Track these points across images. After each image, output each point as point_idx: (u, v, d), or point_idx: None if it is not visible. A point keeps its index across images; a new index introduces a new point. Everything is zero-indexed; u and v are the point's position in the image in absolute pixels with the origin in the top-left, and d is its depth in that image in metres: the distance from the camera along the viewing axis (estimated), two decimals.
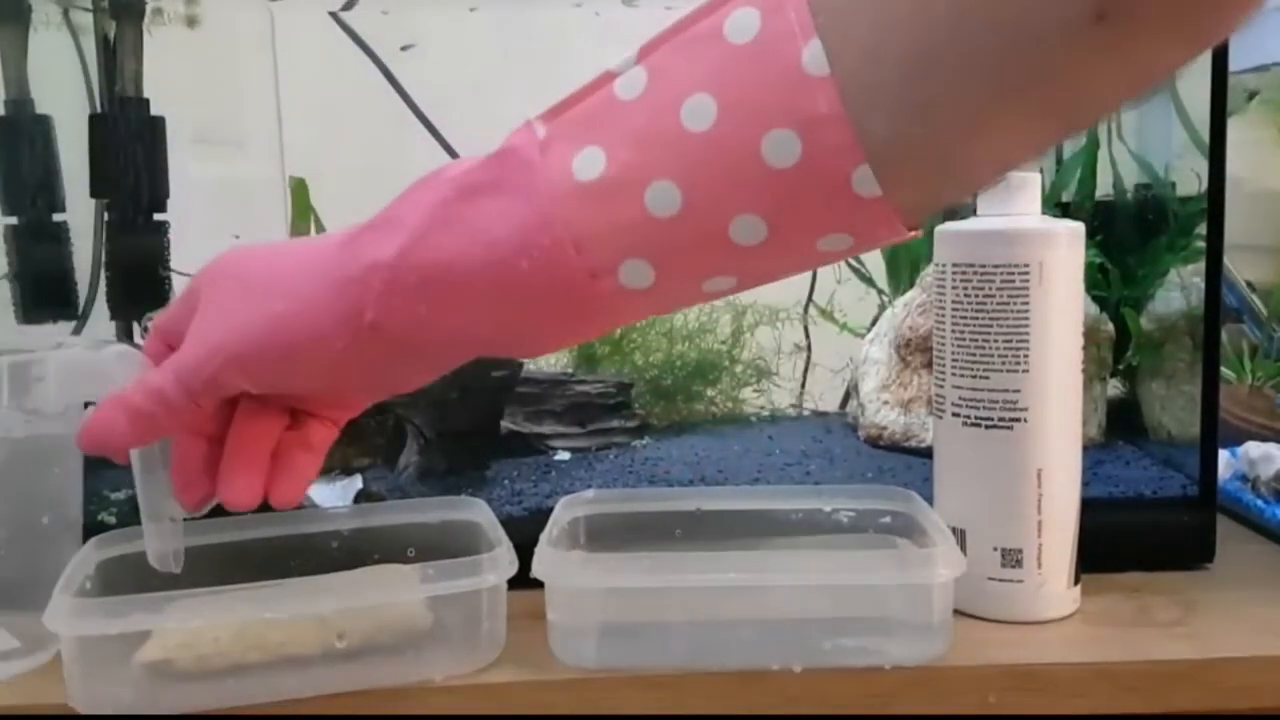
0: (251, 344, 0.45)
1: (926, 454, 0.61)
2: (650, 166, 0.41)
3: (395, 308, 0.43)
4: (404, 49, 0.91)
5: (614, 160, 0.41)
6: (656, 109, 0.41)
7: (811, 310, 0.94)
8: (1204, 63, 0.60)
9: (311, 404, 0.50)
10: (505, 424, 0.76)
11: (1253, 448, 0.76)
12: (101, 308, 0.81)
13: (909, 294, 0.82)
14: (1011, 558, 0.57)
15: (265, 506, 0.50)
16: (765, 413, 0.91)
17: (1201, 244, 0.65)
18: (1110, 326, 0.76)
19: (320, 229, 0.77)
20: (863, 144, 0.38)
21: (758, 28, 0.39)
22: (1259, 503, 0.72)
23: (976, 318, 0.56)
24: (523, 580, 0.52)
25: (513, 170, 0.42)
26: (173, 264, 0.80)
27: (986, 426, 0.56)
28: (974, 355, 0.56)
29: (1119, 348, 0.77)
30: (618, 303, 0.43)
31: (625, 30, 1.00)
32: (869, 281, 0.90)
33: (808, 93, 0.38)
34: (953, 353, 0.57)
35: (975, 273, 0.56)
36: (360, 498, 0.67)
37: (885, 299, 0.89)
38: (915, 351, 0.80)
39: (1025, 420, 0.56)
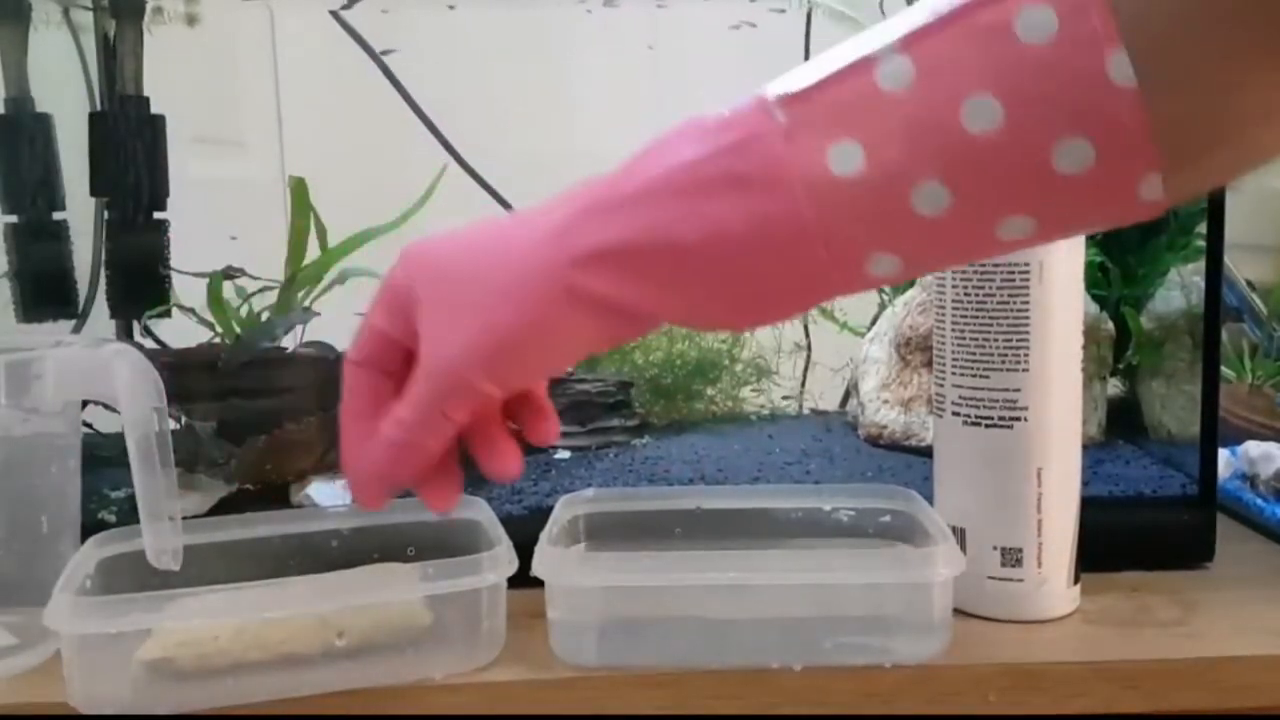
0: (501, 361, 0.44)
1: (926, 453, 0.61)
2: (920, 166, 0.39)
3: (632, 292, 0.42)
4: (385, 54, 0.91)
5: (876, 156, 0.39)
6: (930, 105, 0.39)
7: (811, 309, 0.94)
8: None
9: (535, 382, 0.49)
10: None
11: (1253, 447, 0.76)
12: (101, 306, 0.81)
13: (909, 293, 0.82)
14: (1011, 557, 0.56)
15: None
16: (765, 412, 0.91)
17: (1202, 243, 0.65)
18: (1110, 325, 0.76)
19: (320, 229, 0.76)
20: (1157, 150, 0.37)
21: (1055, 28, 0.37)
22: (1259, 502, 0.72)
23: (977, 316, 0.56)
24: (523, 579, 0.52)
25: (757, 163, 0.40)
26: (172, 263, 0.80)
27: (986, 425, 0.56)
28: (974, 354, 0.56)
29: (1119, 347, 0.77)
30: (855, 285, 0.43)
31: (625, 30, 1.01)
32: None
33: (1111, 102, 0.37)
34: (953, 351, 0.57)
35: (975, 271, 0.56)
36: None
37: (885, 298, 0.89)
38: (915, 350, 0.80)
39: (1025, 419, 0.56)
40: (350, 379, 0.48)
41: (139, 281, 0.79)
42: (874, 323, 0.87)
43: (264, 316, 0.77)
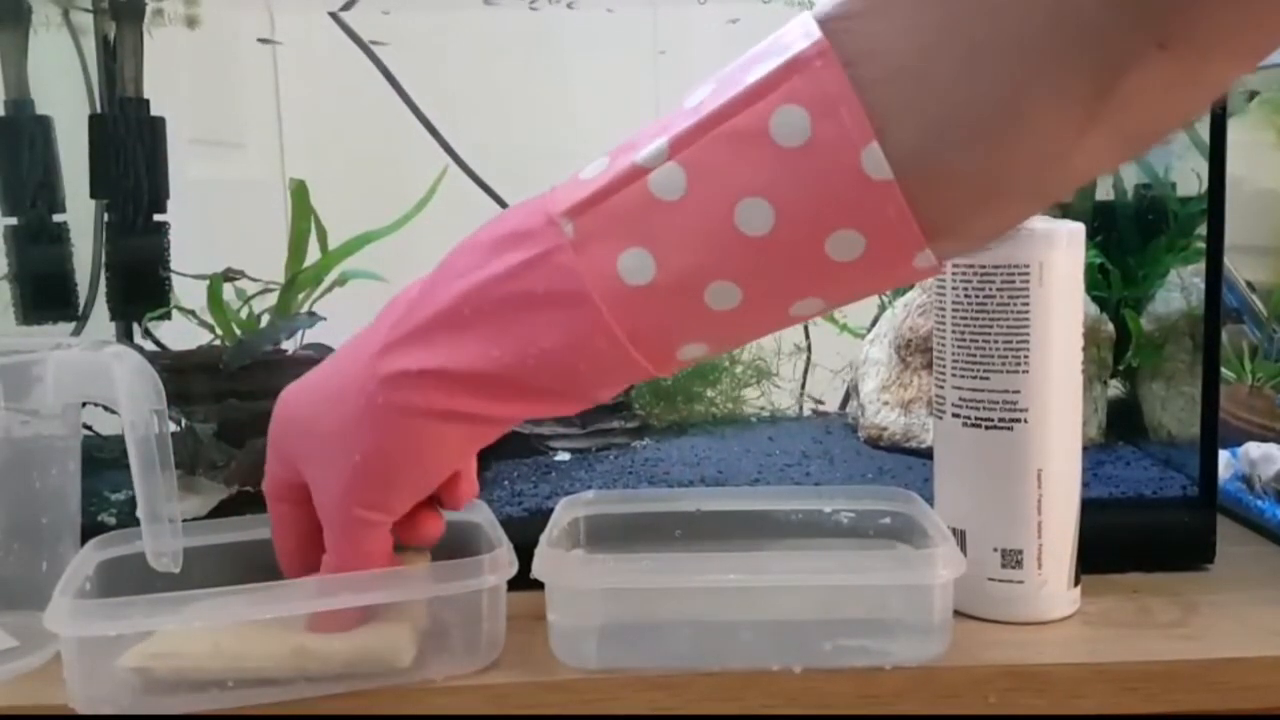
0: (374, 491, 0.47)
1: (927, 455, 0.61)
2: (707, 269, 0.41)
3: (463, 402, 0.45)
4: (374, 43, 0.90)
5: (665, 264, 0.41)
6: (705, 212, 0.40)
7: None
8: None
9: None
10: None
11: (1253, 448, 0.76)
12: (101, 309, 0.81)
13: (909, 295, 0.82)
14: (1011, 558, 0.56)
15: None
16: (765, 413, 0.91)
17: (1201, 244, 0.65)
18: (1110, 327, 0.76)
19: (321, 231, 0.76)
20: (924, 228, 0.39)
21: (809, 131, 0.39)
22: (1259, 503, 0.72)
23: (976, 318, 0.56)
24: (523, 581, 0.52)
25: (552, 278, 0.42)
26: (173, 265, 0.80)
27: (986, 427, 0.56)
28: (974, 356, 0.56)
29: (1119, 348, 0.77)
30: (669, 368, 0.46)
31: (626, 30, 1.01)
32: None
33: (871, 197, 0.39)
34: (953, 353, 0.57)
35: (975, 273, 0.56)
36: None
37: (885, 300, 0.89)
38: (915, 352, 0.80)
39: (1025, 421, 0.56)
40: (272, 513, 0.53)
41: (139, 284, 0.79)
42: (874, 324, 0.87)
43: (264, 319, 0.77)
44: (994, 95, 0.37)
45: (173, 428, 0.70)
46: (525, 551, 0.53)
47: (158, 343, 0.80)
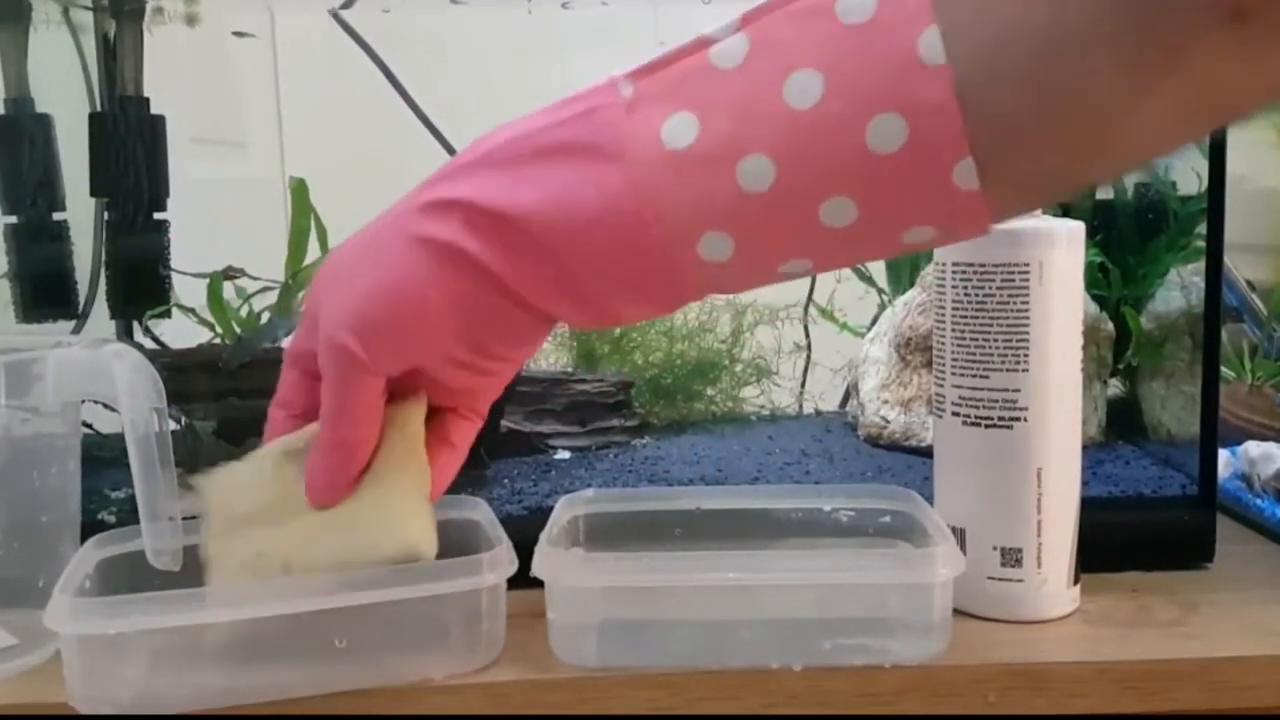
0: (361, 320, 0.45)
1: (926, 453, 0.61)
2: (746, 139, 0.40)
3: (474, 244, 0.43)
4: (238, 34, 0.90)
5: (708, 129, 0.40)
6: (758, 81, 0.40)
7: (811, 309, 0.94)
8: None
9: (442, 394, 0.50)
10: (505, 423, 0.76)
11: (1252, 447, 0.76)
12: (101, 307, 0.81)
13: (909, 293, 0.82)
14: (1011, 557, 0.56)
15: None
16: (765, 412, 0.91)
17: (1201, 243, 0.65)
18: (1110, 326, 0.76)
19: (321, 230, 0.76)
20: (969, 136, 0.38)
21: (873, 9, 0.38)
22: (1259, 502, 0.72)
23: (976, 317, 0.56)
24: (523, 579, 0.52)
25: (597, 131, 0.41)
26: (173, 263, 0.80)
27: (986, 426, 0.56)
28: (974, 354, 0.56)
29: (1119, 347, 0.77)
30: (691, 274, 0.42)
31: (625, 31, 1.01)
32: (869, 281, 0.90)
33: (921, 80, 0.37)
34: (952, 352, 0.57)
35: (975, 272, 0.56)
36: None
37: (885, 298, 0.89)
38: (915, 351, 0.80)
39: (1025, 419, 0.56)
40: (284, 377, 0.51)
41: (139, 282, 0.79)
42: (874, 323, 0.87)
43: (264, 317, 0.77)
44: (1049, 35, 0.36)
45: (173, 426, 0.70)
46: (525, 550, 0.53)
47: (157, 341, 0.80)
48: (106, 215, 0.79)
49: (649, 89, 0.41)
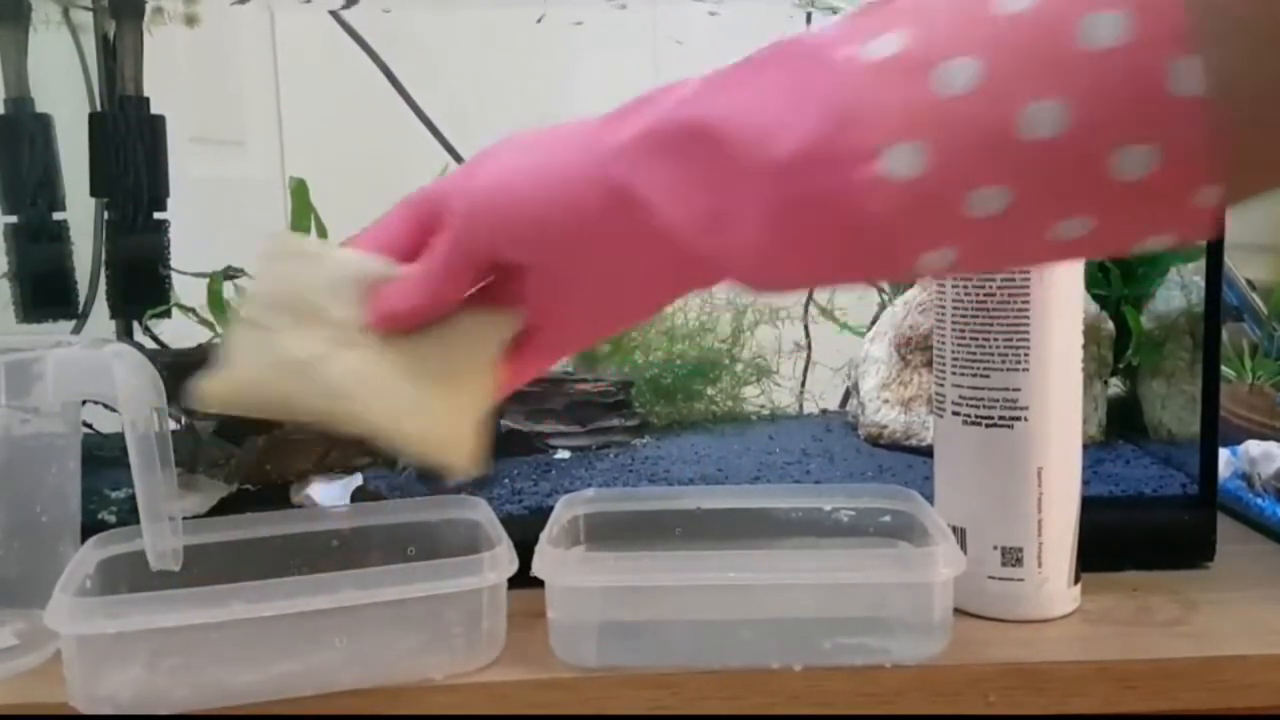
0: (505, 190, 0.43)
1: (927, 453, 0.61)
2: (953, 43, 0.37)
3: (648, 168, 0.40)
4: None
5: (911, 40, 0.37)
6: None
7: (811, 309, 0.94)
8: None
9: (546, 315, 0.47)
10: (505, 423, 0.76)
11: (1253, 446, 0.76)
12: (101, 307, 0.81)
13: (909, 292, 0.82)
14: (1012, 556, 0.56)
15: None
16: (765, 411, 0.91)
17: (1202, 242, 0.65)
18: (1110, 325, 0.76)
19: (321, 229, 0.76)
20: (1218, 162, 0.36)
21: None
22: (1259, 501, 0.72)
23: (977, 316, 0.56)
24: (523, 579, 0.52)
25: (791, 49, 0.39)
26: (173, 263, 0.80)
27: (987, 425, 0.56)
28: (974, 354, 0.56)
29: (1119, 346, 0.77)
30: (875, 199, 0.38)
31: (625, 30, 1.01)
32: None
33: (1169, 109, 0.35)
34: (953, 351, 0.57)
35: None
36: (358, 495, 0.67)
37: (885, 297, 0.89)
38: (915, 350, 0.80)
39: (1025, 419, 0.56)
40: (393, 212, 0.47)
41: (139, 282, 0.79)
42: (874, 322, 0.87)
43: None
44: None
45: (173, 426, 0.70)
46: (525, 549, 0.53)
47: (157, 341, 0.80)
48: (106, 215, 0.79)
49: (849, 21, 0.39)
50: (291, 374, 0.46)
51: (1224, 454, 0.74)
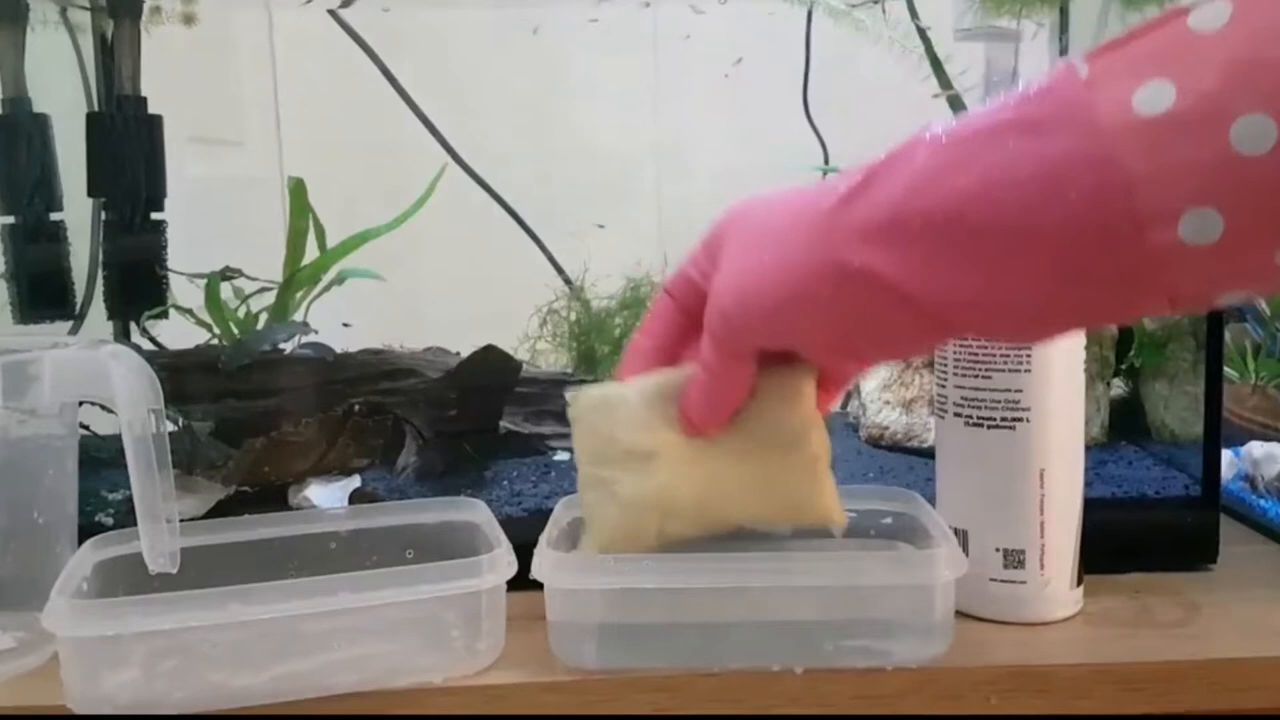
0: (748, 293, 0.45)
1: (928, 454, 0.60)
2: (1236, 98, 0.35)
3: (889, 255, 0.40)
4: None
5: (1187, 92, 0.35)
6: (1250, 37, 0.35)
7: (1120, 321, 0.93)
8: None
9: (824, 356, 0.49)
10: (505, 424, 0.76)
11: (1256, 447, 0.75)
12: (99, 307, 0.80)
13: None
14: (1014, 558, 0.56)
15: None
16: None
17: None
18: (1113, 325, 0.76)
19: (319, 230, 0.76)
20: None
21: None
22: (1262, 503, 0.72)
23: None
24: (522, 581, 0.52)
25: (1047, 106, 0.37)
26: (170, 264, 0.80)
27: (989, 426, 0.56)
28: (976, 355, 0.56)
29: (1122, 347, 0.77)
30: (1171, 264, 0.36)
31: (625, 30, 1.00)
32: None
33: None
34: (954, 352, 0.57)
35: None
36: (355, 497, 0.66)
37: None
38: None
39: (1027, 420, 0.55)
40: (658, 303, 0.52)
41: (136, 282, 0.78)
42: None
43: (262, 318, 0.77)
44: None
45: (170, 427, 0.70)
46: (525, 551, 0.53)
47: (155, 342, 0.80)
48: (104, 215, 0.79)
49: (1110, 65, 0.37)
50: (648, 513, 0.50)
51: (1227, 455, 0.74)
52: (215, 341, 0.76)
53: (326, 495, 0.66)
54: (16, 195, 0.78)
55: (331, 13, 0.89)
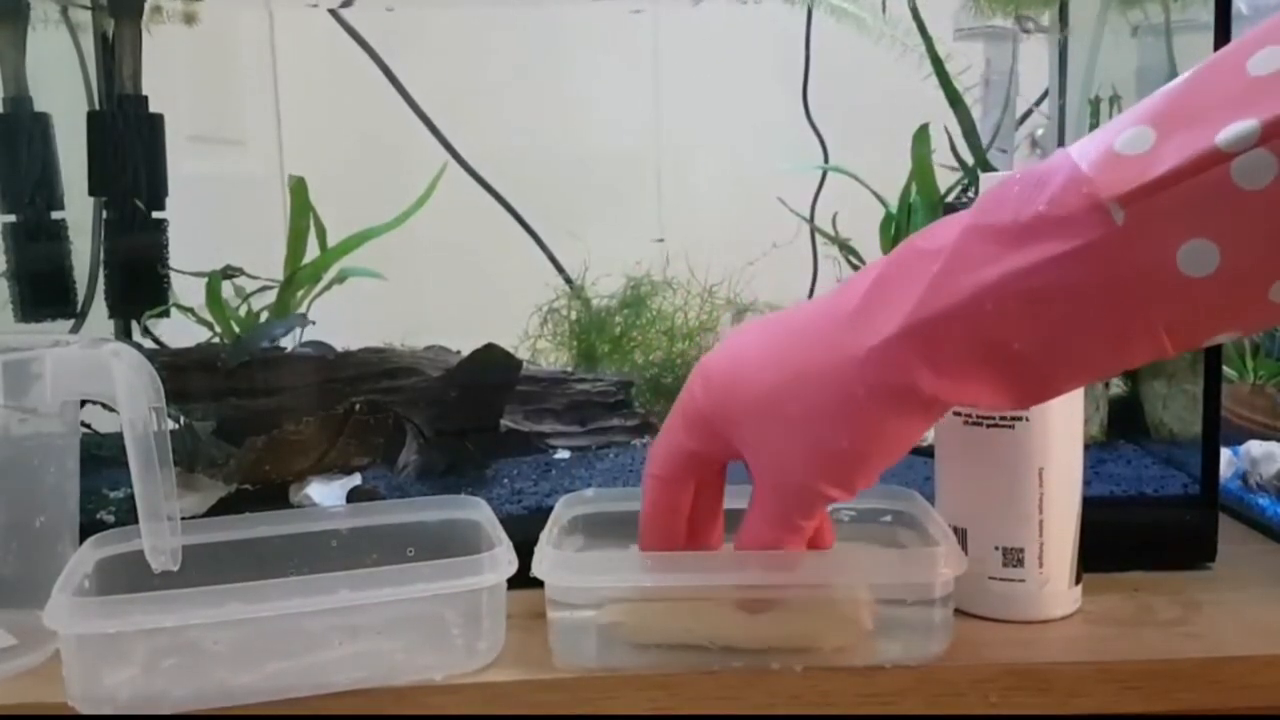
0: (848, 473, 0.47)
1: (928, 453, 0.60)
2: (1276, 266, 0.37)
3: (951, 396, 0.44)
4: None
5: (1231, 257, 0.37)
6: None
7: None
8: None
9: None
10: (505, 422, 0.76)
11: (1254, 446, 0.75)
12: (100, 306, 0.80)
13: None
14: (1013, 557, 0.56)
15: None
16: None
17: None
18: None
19: (320, 229, 0.76)
20: None
21: None
22: (1261, 501, 0.72)
23: None
24: (523, 579, 0.52)
25: (1099, 272, 0.39)
26: (171, 262, 0.80)
27: (988, 425, 0.56)
28: None
29: None
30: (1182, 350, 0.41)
31: (624, 30, 1.01)
32: None
33: None
34: None
35: None
36: (354, 495, 0.67)
37: None
38: None
39: (1027, 419, 0.55)
40: (655, 493, 0.52)
41: (137, 281, 0.78)
42: None
43: (263, 316, 0.77)
44: None
45: (171, 425, 0.70)
46: (525, 549, 0.53)
47: (156, 340, 0.80)
48: (105, 214, 0.79)
49: (1149, 214, 0.38)
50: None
51: (1225, 454, 0.74)
52: (216, 340, 0.76)
53: (327, 493, 0.66)
54: (18, 194, 0.78)
55: (332, 12, 0.89)
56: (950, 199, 0.80)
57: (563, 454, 0.77)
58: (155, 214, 0.79)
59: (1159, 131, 0.38)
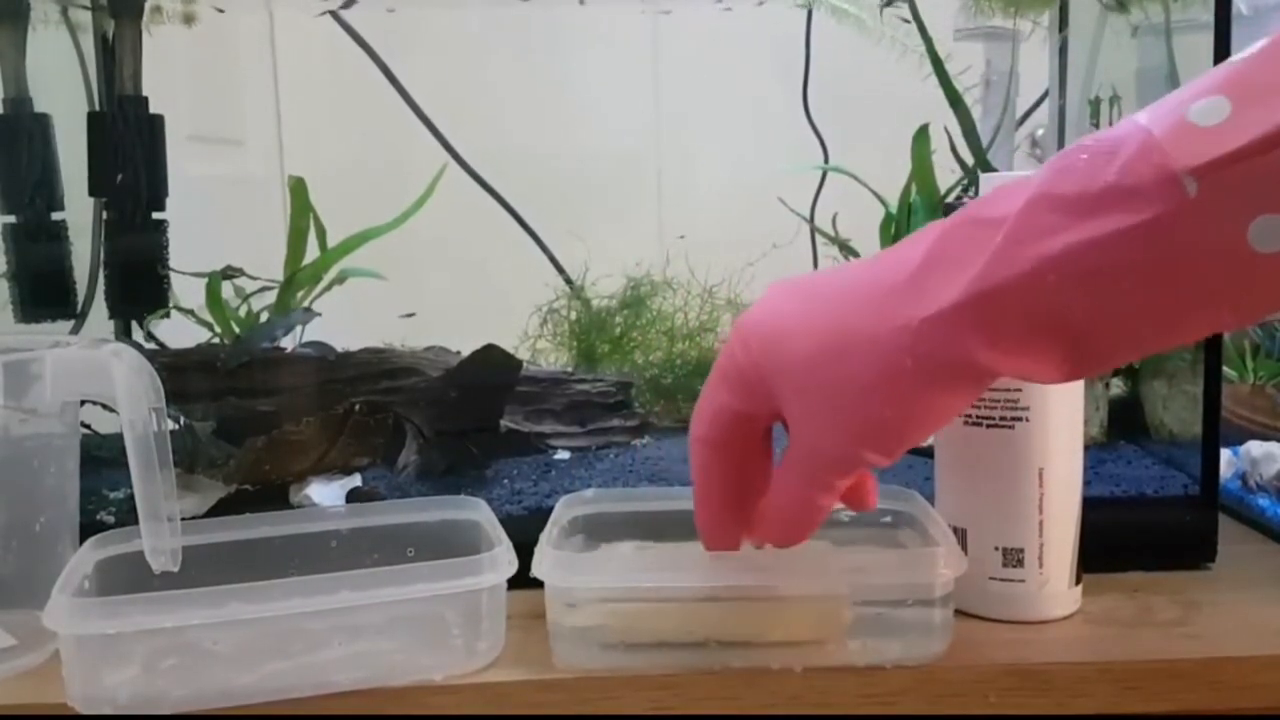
0: (888, 441, 0.46)
1: (928, 453, 0.60)
2: None
3: (998, 365, 0.43)
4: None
5: None
6: None
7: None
8: (1205, 61, 0.60)
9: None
10: (505, 423, 0.76)
11: (1254, 447, 0.75)
12: (100, 307, 0.80)
13: None
14: (1013, 557, 0.56)
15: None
16: None
17: None
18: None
19: (320, 229, 0.76)
20: None
21: None
22: (1261, 502, 0.72)
23: None
24: (523, 580, 0.52)
25: (1167, 248, 0.38)
26: (171, 263, 0.80)
27: (988, 425, 0.56)
28: None
29: None
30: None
31: (625, 29, 1.01)
32: None
33: None
34: None
35: None
36: (353, 495, 0.67)
37: None
38: None
39: (1027, 419, 0.55)
40: (704, 458, 0.50)
41: (137, 282, 0.79)
42: None
43: (263, 317, 0.77)
44: None
45: (171, 426, 0.70)
46: (525, 550, 0.53)
47: (156, 341, 0.80)
48: (105, 215, 0.79)
49: (1222, 187, 0.37)
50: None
51: (1225, 454, 0.74)
52: (216, 341, 0.76)
53: (327, 494, 0.66)
54: (18, 195, 0.78)
55: (333, 13, 0.89)
56: (950, 199, 0.80)
57: (563, 454, 0.77)
58: (155, 214, 0.79)
59: (1235, 103, 0.38)
